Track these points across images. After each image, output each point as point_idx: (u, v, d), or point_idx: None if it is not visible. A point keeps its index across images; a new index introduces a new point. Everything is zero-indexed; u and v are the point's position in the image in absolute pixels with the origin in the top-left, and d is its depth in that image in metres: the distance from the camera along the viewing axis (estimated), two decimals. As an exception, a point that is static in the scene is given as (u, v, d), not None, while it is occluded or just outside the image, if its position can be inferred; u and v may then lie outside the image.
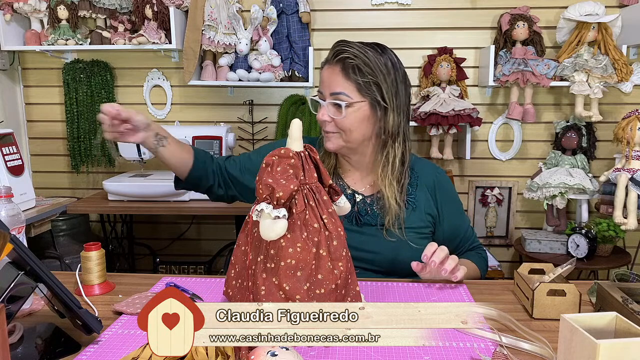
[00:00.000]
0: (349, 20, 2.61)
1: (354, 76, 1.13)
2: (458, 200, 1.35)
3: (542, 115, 2.61)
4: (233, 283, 0.97)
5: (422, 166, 1.31)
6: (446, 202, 1.30)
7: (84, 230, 2.62)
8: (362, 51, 1.13)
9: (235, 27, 2.49)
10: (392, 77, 1.15)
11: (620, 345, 0.59)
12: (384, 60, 1.15)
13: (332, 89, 1.15)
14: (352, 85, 1.13)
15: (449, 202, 1.31)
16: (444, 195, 1.29)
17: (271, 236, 0.83)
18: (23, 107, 2.81)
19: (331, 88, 1.15)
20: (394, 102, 1.16)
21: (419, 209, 1.26)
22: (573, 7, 2.38)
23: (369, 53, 1.13)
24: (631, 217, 2.17)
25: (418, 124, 2.47)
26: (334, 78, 1.14)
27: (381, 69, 1.13)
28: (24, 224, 1.10)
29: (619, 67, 2.34)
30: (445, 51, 2.50)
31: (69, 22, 2.52)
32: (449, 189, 1.33)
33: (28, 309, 1.01)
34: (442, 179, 1.31)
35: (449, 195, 1.31)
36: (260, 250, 0.89)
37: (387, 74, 1.14)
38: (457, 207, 1.34)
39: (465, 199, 2.70)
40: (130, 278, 1.23)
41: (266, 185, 0.84)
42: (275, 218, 0.82)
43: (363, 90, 1.14)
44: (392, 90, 1.15)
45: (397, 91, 1.16)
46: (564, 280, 1.03)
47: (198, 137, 2.34)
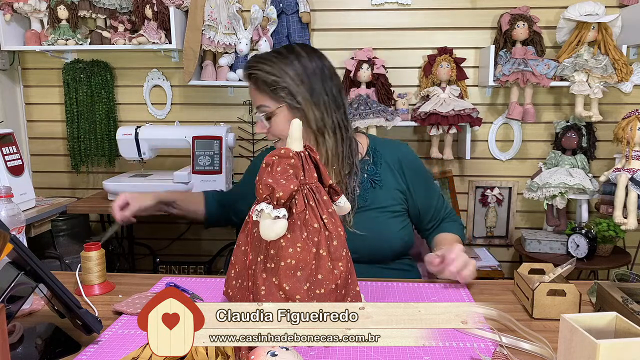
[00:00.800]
0: (349, 20, 2.61)
1: (264, 87, 1.19)
2: (426, 174, 1.37)
3: (542, 115, 2.61)
4: (233, 283, 0.97)
5: (384, 145, 1.34)
6: (414, 177, 1.32)
7: (84, 230, 2.62)
8: (264, 61, 1.19)
9: (235, 27, 2.49)
10: (300, 75, 1.19)
11: (620, 345, 0.59)
12: (289, 61, 1.19)
13: (255, 104, 1.23)
14: (266, 96, 1.20)
15: (417, 176, 1.33)
16: (410, 170, 1.32)
17: (271, 236, 0.83)
18: (23, 107, 2.81)
19: (255, 104, 1.24)
20: (309, 99, 1.18)
21: (386, 187, 1.28)
22: (573, 7, 2.38)
23: (272, 60, 1.19)
24: (631, 217, 2.17)
25: (418, 124, 2.47)
26: (253, 95, 1.24)
27: (286, 72, 1.18)
28: (24, 224, 1.10)
29: (619, 67, 2.34)
30: (445, 51, 2.50)
31: (69, 22, 2.52)
32: (416, 163, 1.35)
33: (28, 309, 1.01)
34: (406, 155, 1.33)
35: (416, 170, 1.33)
36: (260, 250, 0.89)
37: (295, 74, 1.18)
38: (426, 180, 1.36)
39: (465, 199, 2.70)
40: (130, 278, 1.23)
41: (266, 185, 0.84)
42: (275, 218, 0.82)
43: (275, 98, 1.19)
44: (304, 88, 1.18)
45: (311, 86, 1.19)
46: (564, 280, 1.03)
47: (198, 137, 2.34)
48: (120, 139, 2.36)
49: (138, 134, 2.34)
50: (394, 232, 1.26)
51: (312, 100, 1.19)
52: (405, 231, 1.31)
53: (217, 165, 2.33)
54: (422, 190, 1.33)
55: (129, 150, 2.37)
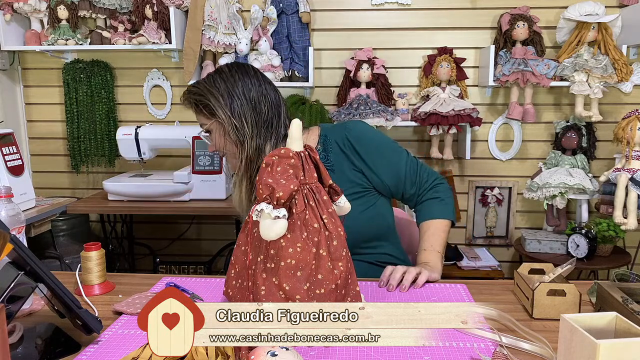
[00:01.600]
0: (349, 20, 2.61)
1: (197, 109, 1.27)
2: (381, 144, 1.30)
3: (542, 115, 2.61)
4: (233, 283, 0.97)
5: (333, 130, 1.32)
6: (367, 150, 1.27)
7: (84, 230, 2.62)
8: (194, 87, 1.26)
9: (235, 27, 2.49)
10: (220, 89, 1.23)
11: (620, 345, 0.59)
12: (210, 82, 1.25)
13: (200, 126, 1.30)
14: (202, 116, 1.27)
15: (370, 148, 1.27)
16: (361, 145, 1.27)
17: (271, 236, 0.83)
18: (23, 107, 2.81)
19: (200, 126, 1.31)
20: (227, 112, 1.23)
21: (339, 170, 1.26)
22: (573, 7, 2.38)
23: (199, 84, 1.26)
24: (631, 217, 2.17)
25: (418, 124, 2.47)
26: (196, 118, 1.30)
27: (209, 90, 1.24)
28: (24, 224, 1.10)
29: (619, 67, 2.34)
30: (445, 51, 2.50)
31: (69, 22, 2.52)
32: (366, 136, 1.29)
33: (28, 309, 1.01)
34: (352, 131, 1.29)
35: (367, 142, 1.28)
36: (261, 250, 0.89)
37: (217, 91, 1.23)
38: (383, 150, 1.30)
39: (465, 199, 2.70)
40: (130, 278, 1.23)
41: (266, 185, 0.84)
42: (275, 218, 0.82)
43: (208, 115, 1.25)
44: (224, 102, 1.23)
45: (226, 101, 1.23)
46: (564, 280, 1.03)
47: (198, 137, 2.34)
48: (120, 139, 2.36)
49: (138, 134, 2.34)
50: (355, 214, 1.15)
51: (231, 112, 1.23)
52: (373, 211, 1.27)
53: (217, 165, 2.33)
54: (382, 162, 1.27)
55: (129, 150, 2.37)
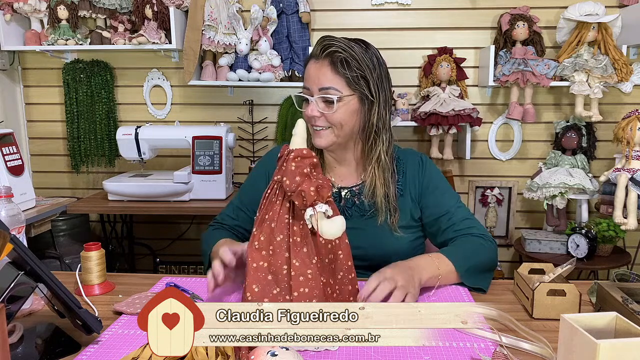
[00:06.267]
0: (349, 20, 2.61)
1: (342, 70, 1.13)
2: (442, 182, 1.30)
3: (542, 115, 2.61)
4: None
5: (405, 154, 1.31)
6: (429, 183, 1.27)
7: (84, 230, 2.62)
8: (349, 46, 1.14)
9: (235, 27, 2.49)
10: (377, 72, 1.17)
11: (620, 345, 0.59)
12: (369, 55, 1.17)
13: (321, 84, 1.14)
14: (341, 80, 1.13)
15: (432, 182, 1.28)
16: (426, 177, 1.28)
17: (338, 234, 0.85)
18: (23, 107, 2.81)
19: (320, 83, 1.14)
20: (380, 96, 1.18)
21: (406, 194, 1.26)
22: (573, 7, 2.38)
23: (355, 48, 1.15)
24: (631, 217, 2.17)
25: (418, 124, 2.47)
26: (322, 73, 1.14)
27: (367, 64, 1.15)
28: (24, 224, 1.10)
29: (619, 67, 2.34)
30: (445, 51, 2.50)
31: (69, 22, 2.52)
32: (432, 170, 1.30)
33: (28, 309, 1.01)
34: (425, 163, 1.30)
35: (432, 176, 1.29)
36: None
37: (373, 68, 1.16)
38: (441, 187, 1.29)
39: (465, 199, 2.70)
40: (130, 278, 1.23)
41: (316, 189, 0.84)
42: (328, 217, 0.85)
43: (352, 84, 1.14)
44: (378, 85, 1.17)
45: (383, 85, 1.19)
46: (564, 280, 1.03)
47: (198, 137, 2.34)
48: (120, 139, 2.36)
49: (138, 134, 2.34)
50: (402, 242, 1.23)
51: (382, 98, 1.18)
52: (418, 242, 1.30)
53: (217, 165, 2.33)
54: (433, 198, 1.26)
55: (129, 150, 2.38)
